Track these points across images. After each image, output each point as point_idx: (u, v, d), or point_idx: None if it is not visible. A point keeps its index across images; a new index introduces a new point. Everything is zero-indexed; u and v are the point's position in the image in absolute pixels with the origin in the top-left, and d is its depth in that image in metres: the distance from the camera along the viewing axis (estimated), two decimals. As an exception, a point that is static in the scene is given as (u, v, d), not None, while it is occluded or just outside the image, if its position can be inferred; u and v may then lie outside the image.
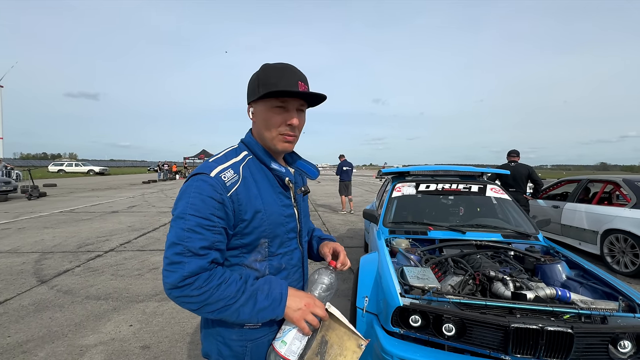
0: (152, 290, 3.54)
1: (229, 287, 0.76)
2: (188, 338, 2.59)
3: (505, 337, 1.41)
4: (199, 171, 0.82)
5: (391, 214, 3.10)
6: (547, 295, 1.67)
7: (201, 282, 0.73)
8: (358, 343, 0.85)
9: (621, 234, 4.34)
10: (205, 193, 0.77)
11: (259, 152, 0.91)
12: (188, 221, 0.75)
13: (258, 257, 0.88)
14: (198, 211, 0.75)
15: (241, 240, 0.85)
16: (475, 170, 3.58)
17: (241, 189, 0.82)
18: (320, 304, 0.86)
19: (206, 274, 0.74)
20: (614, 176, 5.09)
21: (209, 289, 0.73)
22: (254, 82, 0.89)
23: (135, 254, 4.89)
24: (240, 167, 0.86)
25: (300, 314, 0.82)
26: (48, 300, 3.23)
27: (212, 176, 0.79)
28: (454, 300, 1.61)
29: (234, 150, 0.93)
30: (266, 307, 0.79)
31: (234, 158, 0.88)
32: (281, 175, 0.92)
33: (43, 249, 5.12)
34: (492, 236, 2.58)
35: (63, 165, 35.31)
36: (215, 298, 0.74)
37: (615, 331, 1.37)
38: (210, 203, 0.76)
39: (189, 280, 0.72)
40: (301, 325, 0.82)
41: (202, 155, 34.94)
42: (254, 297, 0.79)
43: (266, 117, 0.88)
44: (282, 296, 0.82)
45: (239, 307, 0.77)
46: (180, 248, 0.73)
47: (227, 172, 0.82)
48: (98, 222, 7.45)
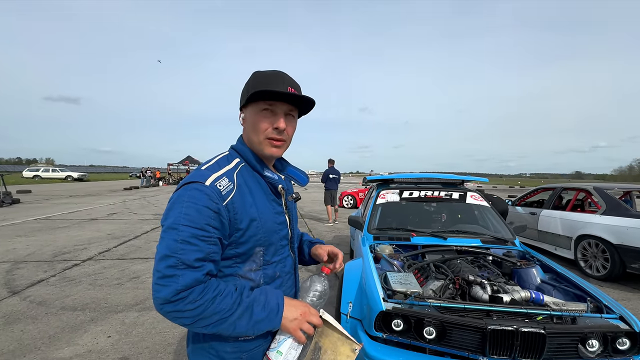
0: (132, 299, 3.43)
1: (225, 299, 0.73)
2: (170, 348, 2.53)
3: (483, 339, 1.46)
4: (193, 179, 0.78)
5: (375, 220, 3.15)
6: (522, 297, 1.74)
7: (195, 296, 0.70)
8: (352, 347, 0.86)
9: (593, 240, 4.56)
10: (200, 203, 0.74)
11: (251, 159, 0.90)
12: (181, 232, 0.72)
13: (253, 266, 0.86)
14: (192, 221, 0.72)
15: (236, 250, 0.83)
16: (456, 178, 3.70)
17: (236, 198, 0.81)
18: (315, 311, 0.86)
19: (200, 286, 0.71)
20: (586, 184, 5.35)
21: (203, 302, 0.70)
22: (245, 88, 0.89)
23: (115, 263, 4.73)
24: (234, 174, 0.85)
25: (297, 324, 0.81)
26: (20, 312, 3.07)
27: (207, 185, 0.77)
28: (435, 304, 1.65)
29: (225, 157, 0.91)
30: (263, 318, 0.78)
31: (226, 165, 0.86)
32: (274, 183, 0.91)
33: (15, 258, 4.88)
34: (472, 242, 2.67)
35: (39, 171, 33.80)
36: (211, 312, 0.71)
37: (584, 331, 1.45)
38: (205, 213, 0.74)
39: (183, 294, 0.69)
40: (297, 335, 0.81)
41: (187, 161, 34.26)
42: (250, 309, 0.77)
43: (254, 121, 0.87)
44: (279, 307, 0.80)
45: (235, 320, 0.74)
46: (173, 260, 0.70)
47: (222, 180, 0.80)
48: (75, 229, 7.16)
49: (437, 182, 3.73)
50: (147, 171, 27.03)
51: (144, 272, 4.31)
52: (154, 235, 6.69)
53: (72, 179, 32.19)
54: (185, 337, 2.66)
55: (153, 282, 0.71)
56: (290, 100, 0.88)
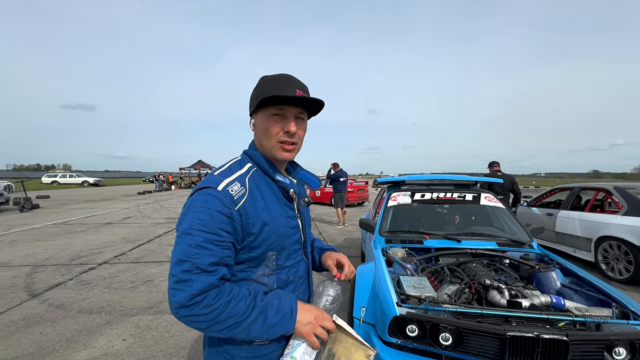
0: (147, 303, 3.48)
1: (239, 303, 0.74)
2: (183, 352, 2.54)
3: (502, 346, 1.41)
4: (206, 185, 0.80)
5: (387, 223, 3.11)
6: (542, 303, 1.68)
7: (210, 300, 0.71)
8: (366, 353, 0.84)
9: (614, 241, 4.38)
10: (213, 207, 0.75)
11: (263, 164, 0.90)
12: (195, 237, 0.73)
13: (266, 270, 0.86)
14: (206, 226, 0.73)
15: (249, 254, 0.83)
16: (469, 179, 3.62)
17: (248, 202, 0.81)
18: (328, 316, 0.85)
19: (215, 291, 0.72)
20: (606, 184, 5.17)
21: (218, 306, 0.71)
22: (253, 94, 0.89)
23: (130, 266, 4.82)
24: (246, 179, 0.85)
25: (310, 328, 0.81)
26: (39, 314, 3.16)
27: (219, 190, 0.78)
28: (451, 309, 1.61)
29: (237, 162, 0.91)
30: (277, 322, 0.78)
31: (238, 170, 0.87)
32: (286, 187, 0.91)
33: (35, 262, 5.02)
34: (487, 244, 2.60)
35: (57, 177, 34.92)
36: (225, 316, 0.72)
37: (609, 338, 1.39)
38: (218, 218, 0.75)
39: (198, 298, 0.70)
40: (311, 339, 0.81)
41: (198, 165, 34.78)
42: (264, 313, 0.77)
43: (265, 126, 0.87)
44: (292, 311, 0.80)
45: (250, 324, 0.75)
46: (188, 265, 0.71)
47: (234, 185, 0.81)
48: (92, 234, 7.34)
49: (450, 184, 3.66)
50: (160, 176, 27.58)
51: (157, 276, 4.38)
52: (167, 239, 6.79)
53: (88, 184, 33.13)
54: (199, 341, 2.68)
55: (169, 287, 0.73)
56: (300, 103, 0.87)
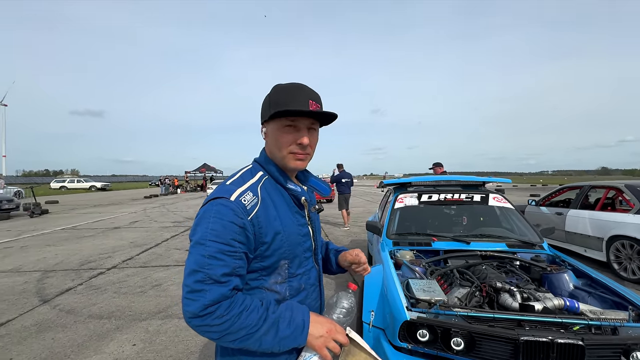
0: (155, 307, 3.50)
1: (250, 315, 0.74)
2: (192, 357, 2.55)
3: (515, 351, 1.39)
4: (218, 195, 0.80)
5: (394, 225, 3.09)
6: (555, 306, 1.65)
7: (222, 311, 0.71)
8: None
9: (627, 240, 4.30)
10: (226, 218, 0.75)
11: (274, 172, 0.91)
12: (208, 247, 0.73)
13: (278, 279, 0.86)
14: (218, 237, 0.73)
15: (261, 263, 0.83)
16: (476, 180, 3.58)
17: (261, 212, 0.81)
18: (341, 329, 0.84)
19: (227, 301, 0.72)
20: (616, 182, 5.08)
21: (230, 317, 0.71)
22: (266, 102, 0.89)
23: (138, 271, 4.86)
24: (258, 188, 0.85)
25: (323, 341, 0.79)
26: (50, 320, 3.20)
27: (232, 200, 0.78)
28: (462, 314, 1.59)
29: (249, 170, 0.91)
30: (288, 335, 0.77)
31: (250, 179, 0.87)
32: (297, 195, 0.91)
33: (45, 267, 5.09)
34: (496, 246, 2.57)
35: (65, 182, 35.43)
36: (237, 327, 0.72)
37: (627, 342, 1.35)
38: (231, 228, 0.75)
39: (210, 309, 0.70)
40: (323, 353, 0.79)
41: (204, 169, 35.03)
42: (275, 325, 0.76)
43: (277, 137, 0.88)
44: (304, 323, 0.80)
45: (261, 336, 0.74)
46: (201, 275, 0.71)
47: (247, 195, 0.81)
48: (100, 238, 7.42)
49: (457, 184, 3.62)
50: (166, 179, 27.81)
51: (165, 280, 4.40)
52: (174, 243, 6.84)
53: (95, 189, 33.55)
54: (208, 346, 2.68)
55: (182, 296, 0.73)
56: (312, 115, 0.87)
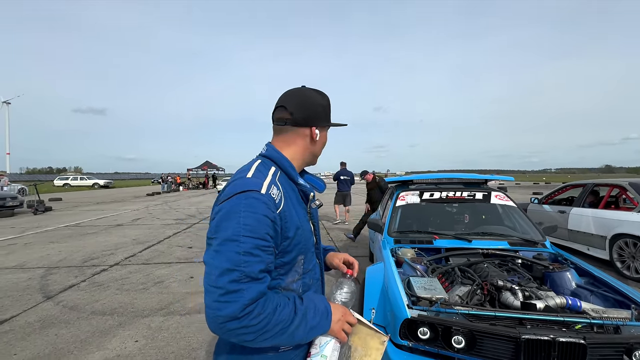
0: (157, 304, 3.52)
1: (284, 309, 0.73)
2: (194, 353, 2.57)
3: (517, 349, 1.39)
4: (247, 188, 0.76)
5: (396, 223, 3.09)
6: (557, 304, 1.64)
7: (260, 309, 0.68)
8: (381, 340, 0.89)
9: (630, 239, 4.28)
10: (260, 211, 0.73)
11: (287, 167, 0.90)
12: (244, 244, 0.69)
13: (295, 276, 0.86)
14: (253, 231, 0.70)
15: (282, 259, 0.81)
16: (478, 178, 3.57)
17: (286, 206, 0.81)
18: (349, 311, 0.89)
19: (263, 299, 0.70)
20: (620, 180, 5.04)
21: (267, 315, 0.69)
22: (325, 108, 0.98)
23: (140, 268, 4.89)
24: (277, 183, 0.84)
25: (340, 325, 0.83)
26: (54, 316, 3.22)
27: (263, 193, 0.75)
28: (463, 312, 1.59)
29: (261, 165, 0.88)
30: (317, 324, 0.79)
31: (268, 174, 0.84)
32: (306, 191, 0.93)
33: (49, 264, 5.13)
34: (498, 244, 2.56)
35: (68, 179, 35.61)
36: (273, 323, 0.70)
37: (629, 341, 1.35)
38: (265, 222, 0.73)
39: (249, 308, 0.67)
40: (341, 335, 0.83)
41: (205, 166, 35.09)
42: (304, 316, 0.77)
43: (325, 141, 1.01)
44: (328, 310, 0.82)
45: (294, 330, 0.74)
46: (237, 274, 0.67)
47: (274, 189, 0.79)
48: (103, 235, 7.47)
49: (459, 182, 3.61)
50: (168, 177, 27.89)
51: (167, 277, 4.42)
52: (176, 240, 6.87)
53: (98, 186, 33.70)
54: (210, 342, 2.70)
55: (211, 300, 0.67)
56: None
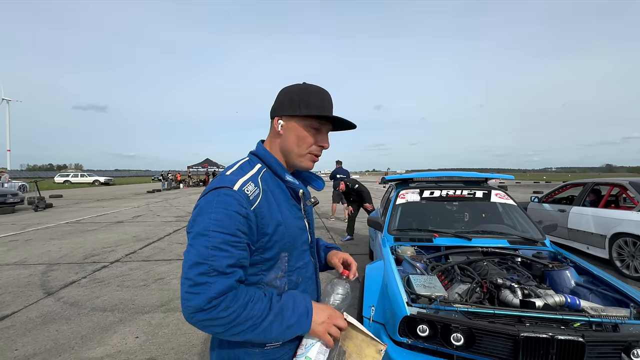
0: (158, 301, 3.53)
1: (256, 305, 0.73)
2: (194, 349, 2.58)
3: (515, 347, 1.39)
4: (220, 185, 0.79)
5: (396, 221, 3.09)
6: (556, 302, 1.65)
7: (228, 303, 0.70)
8: (377, 349, 0.85)
9: (630, 238, 4.28)
10: (230, 208, 0.74)
11: (273, 164, 0.90)
12: (212, 238, 0.71)
13: (278, 273, 0.86)
14: (223, 227, 0.72)
15: (262, 255, 0.82)
16: (479, 176, 3.56)
17: (263, 202, 0.81)
18: (340, 314, 0.85)
19: (232, 293, 0.71)
20: (621, 179, 5.04)
21: (236, 309, 0.70)
22: (294, 97, 0.88)
23: (141, 265, 4.90)
24: (258, 179, 0.85)
25: (325, 327, 0.80)
26: (55, 312, 3.24)
27: (235, 190, 0.77)
28: (462, 309, 1.59)
29: (247, 162, 0.91)
30: (294, 323, 0.77)
31: (250, 171, 0.86)
32: (295, 188, 0.91)
33: (49, 260, 5.15)
34: (498, 242, 2.56)
35: (69, 176, 35.63)
36: (243, 318, 0.71)
37: (627, 339, 1.35)
38: (236, 218, 0.74)
39: (216, 301, 0.69)
40: (326, 338, 0.80)
41: (206, 164, 35.08)
42: (281, 313, 0.76)
43: (301, 135, 0.88)
44: (308, 310, 0.80)
45: (267, 326, 0.74)
46: (205, 267, 0.69)
47: (249, 185, 0.80)
48: (103, 232, 7.49)
49: (459, 181, 3.61)
50: (169, 174, 27.90)
51: (168, 274, 4.44)
52: (177, 237, 6.88)
53: (99, 183, 33.75)
54: (209, 339, 2.71)
55: (183, 291, 0.70)
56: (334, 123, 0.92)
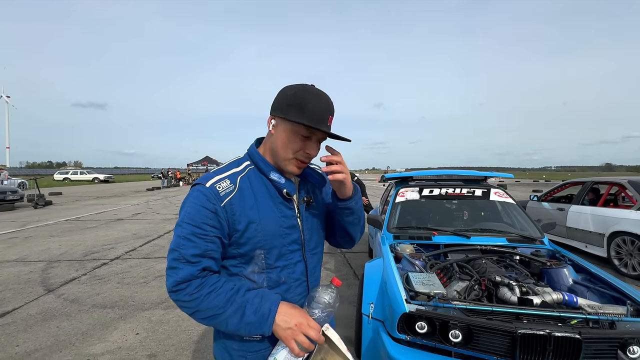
0: (158, 298, 3.55)
1: (218, 296, 0.78)
2: (194, 346, 2.60)
3: (513, 343, 1.41)
4: (198, 182, 0.86)
5: (395, 219, 3.10)
6: (553, 300, 1.66)
7: (192, 289, 0.76)
8: None
9: (628, 236, 4.30)
10: (199, 203, 0.80)
11: (258, 162, 0.91)
12: (184, 229, 0.79)
13: (255, 268, 0.87)
14: (192, 220, 0.79)
15: (237, 250, 0.86)
16: (478, 175, 3.57)
17: (235, 199, 0.83)
18: (315, 324, 0.81)
19: (197, 281, 0.77)
20: (619, 178, 5.06)
21: (199, 296, 0.76)
22: (289, 98, 0.85)
23: (141, 262, 4.92)
24: (238, 177, 0.87)
25: (290, 334, 0.79)
26: (55, 309, 3.25)
27: (207, 186, 0.83)
28: (460, 306, 1.60)
29: (237, 160, 0.94)
30: (253, 322, 0.79)
31: (234, 168, 0.90)
32: (279, 187, 0.90)
33: (50, 257, 5.16)
34: (497, 240, 2.57)
35: (68, 174, 35.60)
36: (205, 306, 0.77)
37: (624, 336, 1.37)
38: (202, 212, 0.79)
39: (181, 285, 0.76)
40: (290, 345, 0.79)
41: (205, 161, 35.09)
42: (241, 309, 0.79)
43: (288, 139, 0.86)
44: (270, 312, 0.80)
45: (227, 318, 0.78)
46: (177, 254, 0.77)
47: (223, 183, 0.84)
48: (103, 230, 7.50)
49: (458, 179, 3.62)
50: (168, 172, 27.89)
51: (168, 271, 4.45)
52: (176, 235, 6.90)
53: (98, 181, 33.72)
54: (209, 335, 2.74)
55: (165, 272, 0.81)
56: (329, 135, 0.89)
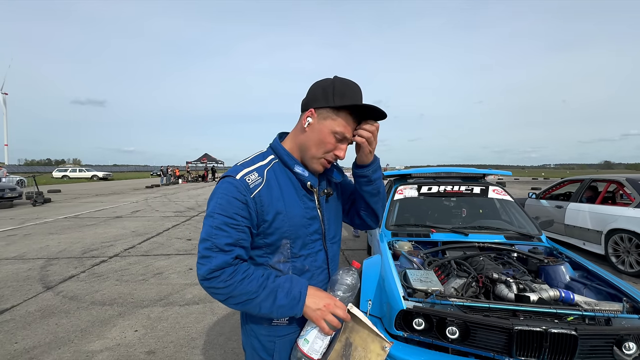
0: (157, 295, 3.55)
1: (251, 282, 0.82)
2: (193, 343, 2.61)
3: (509, 340, 1.41)
4: (227, 174, 0.89)
5: (393, 216, 3.10)
6: (550, 297, 1.66)
7: (226, 276, 0.80)
8: (382, 345, 0.87)
9: (626, 234, 4.32)
10: (230, 194, 0.84)
11: (283, 156, 0.95)
12: (215, 219, 0.82)
13: (281, 258, 0.92)
14: (224, 210, 0.82)
15: (264, 240, 0.90)
16: (477, 172, 3.58)
17: (264, 191, 0.87)
18: (341, 304, 0.88)
19: (231, 268, 0.81)
20: (618, 175, 5.06)
21: (233, 282, 0.80)
22: (327, 89, 0.88)
23: (140, 259, 4.92)
24: (265, 170, 0.91)
25: (320, 314, 0.85)
26: (54, 306, 3.26)
27: (237, 178, 0.86)
28: (457, 303, 1.61)
29: (261, 154, 0.98)
30: (285, 304, 0.84)
31: (260, 162, 0.93)
32: (303, 179, 0.94)
33: (48, 255, 5.16)
34: (495, 238, 2.58)
35: (67, 171, 35.50)
36: (239, 292, 0.81)
37: (619, 333, 1.37)
38: (234, 203, 0.83)
39: (216, 273, 0.79)
40: (320, 324, 0.85)
41: (204, 158, 35.06)
42: (273, 294, 0.84)
43: (322, 137, 0.89)
44: (300, 295, 0.85)
45: (260, 302, 0.82)
46: (209, 244, 0.81)
47: (252, 175, 0.88)
48: (102, 227, 7.49)
49: (457, 177, 3.62)
50: (168, 170, 27.84)
51: (167, 269, 4.46)
52: (175, 232, 6.90)
53: (97, 179, 33.63)
54: (208, 332, 2.75)
55: (196, 262, 0.84)
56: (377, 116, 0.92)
